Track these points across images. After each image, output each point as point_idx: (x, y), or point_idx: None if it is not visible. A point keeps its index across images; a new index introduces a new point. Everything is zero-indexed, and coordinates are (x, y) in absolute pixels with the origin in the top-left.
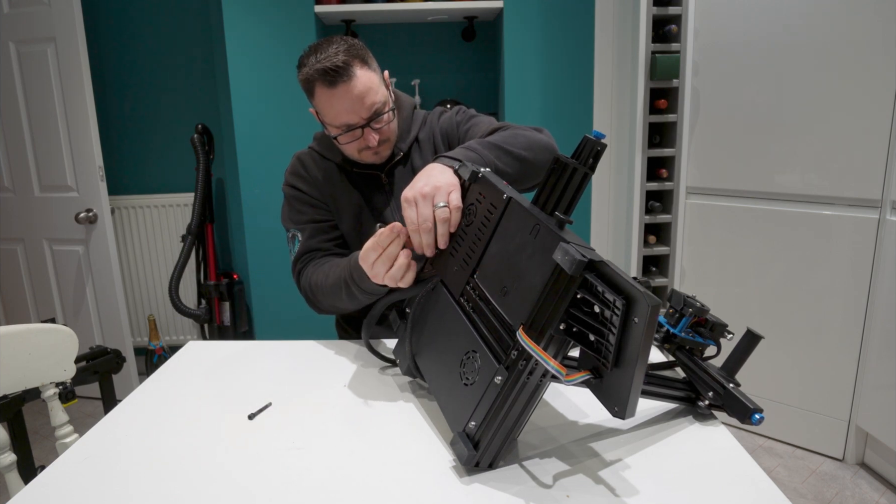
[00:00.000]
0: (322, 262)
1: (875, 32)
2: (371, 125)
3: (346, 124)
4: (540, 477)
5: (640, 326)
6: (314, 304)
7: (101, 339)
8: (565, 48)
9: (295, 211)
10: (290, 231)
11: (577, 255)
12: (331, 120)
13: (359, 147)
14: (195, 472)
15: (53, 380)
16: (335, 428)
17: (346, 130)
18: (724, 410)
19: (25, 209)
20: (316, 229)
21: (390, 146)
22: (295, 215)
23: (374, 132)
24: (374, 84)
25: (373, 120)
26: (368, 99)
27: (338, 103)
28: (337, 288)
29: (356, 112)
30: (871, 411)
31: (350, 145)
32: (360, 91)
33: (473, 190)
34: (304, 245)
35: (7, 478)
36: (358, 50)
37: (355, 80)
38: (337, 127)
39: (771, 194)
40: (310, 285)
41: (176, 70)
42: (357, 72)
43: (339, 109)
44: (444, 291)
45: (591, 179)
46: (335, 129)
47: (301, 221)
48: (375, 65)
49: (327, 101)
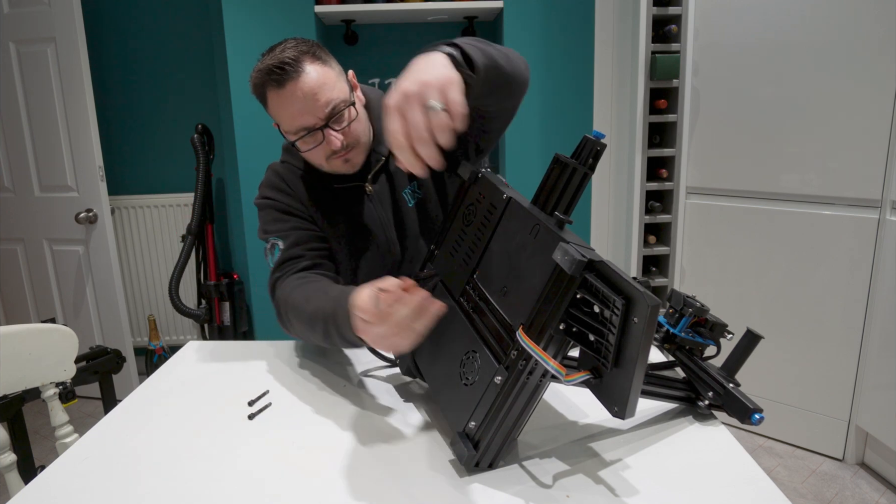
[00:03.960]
0: (305, 279)
1: (875, 33)
2: (330, 126)
3: (302, 127)
4: (540, 477)
5: (640, 326)
6: (284, 322)
7: (101, 339)
8: (565, 48)
9: (274, 221)
10: (268, 241)
11: (577, 255)
12: (286, 125)
13: (324, 154)
14: (195, 472)
15: (53, 380)
16: (335, 428)
17: (305, 134)
18: (724, 410)
19: (25, 209)
20: (300, 237)
21: (362, 150)
22: (274, 224)
23: (336, 133)
24: (328, 80)
25: (332, 119)
26: (323, 95)
27: (289, 104)
28: (315, 321)
29: (311, 111)
30: (871, 411)
31: (313, 153)
32: (310, 87)
33: (473, 190)
34: (285, 253)
35: (7, 478)
36: (310, 47)
37: (304, 75)
38: (294, 133)
39: (771, 194)
40: (285, 301)
41: (176, 70)
42: (307, 67)
43: (292, 111)
44: (444, 291)
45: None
46: (293, 135)
47: (283, 230)
48: (334, 62)
49: (279, 105)
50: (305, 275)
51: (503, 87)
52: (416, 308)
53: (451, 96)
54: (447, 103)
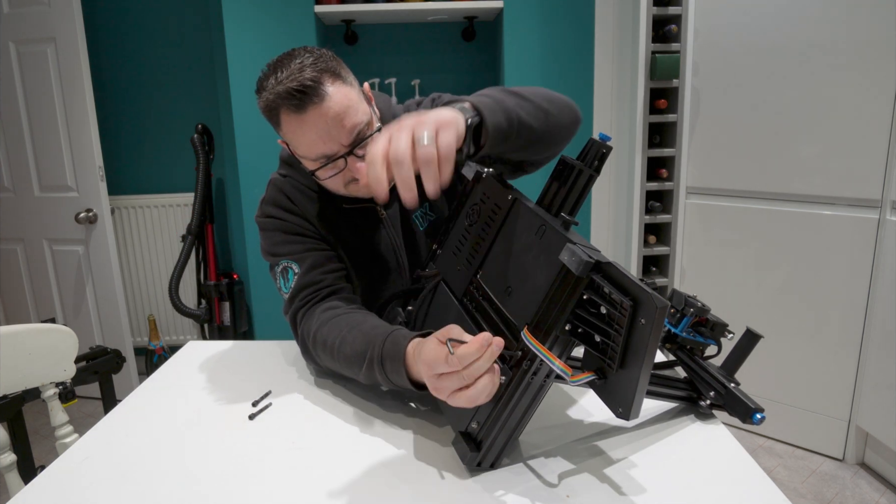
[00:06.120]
0: (333, 311)
1: (875, 33)
2: (355, 152)
3: (324, 155)
4: (541, 477)
5: (647, 328)
6: (311, 357)
7: (101, 339)
8: (565, 48)
9: (284, 242)
10: (280, 263)
11: (584, 256)
12: (305, 152)
13: (344, 180)
14: (195, 472)
15: (53, 380)
16: (336, 428)
17: (326, 163)
18: (725, 410)
19: (25, 209)
20: (317, 259)
21: None
22: (285, 247)
23: (362, 161)
24: (352, 101)
25: (356, 146)
26: (348, 120)
27: (310, 131)
28: (356, 361)
29: (335, 139)
30: (871, 411)
31: (332, 180)
32: (336, 112)
33: (477, 190)
34: (304, 279)
35: (7, 478)
36: (327, 61)
37: (328, 99)
38: (314, 160)
39: (771, 194)
40: (314, 338)
41: (176, 70)
42: (329, 89)
43: (313, 138)
44: (447, 291)
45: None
46: (312, 162)
47: (296, 252)
48: (352, 77)
49: (298, 130)
50: (331, 303)
51: (536, 142)
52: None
53: (442, 136)
54: (437, 141)
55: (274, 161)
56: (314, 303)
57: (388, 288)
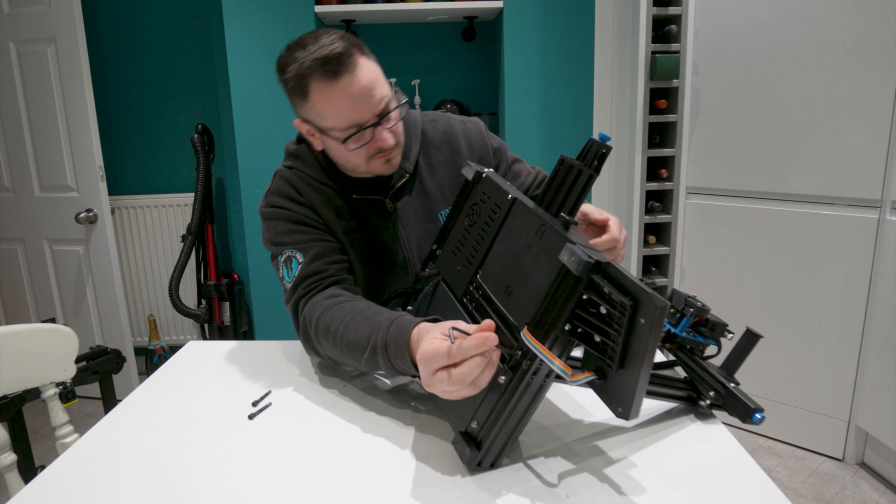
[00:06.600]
0: (336, 299)
1: (875, 33)
2: (381, 124)
3: (354, 124)
4: (541, 477)
5: (647, 328)
6: (312, 345)
7: (101, 339)
8: (565, 48)
9: (288, 232)
10: (283, 253)
11: (584, 257)
12: (334, 122)
13: (368, 153)
14: (195, 472)
15: (53, 380)
16: (335, 428)
17: (356, 132)
18: (725, 410)
19: (25, 209)
20: (321, 249)
21: (401, 152)
22: (289, 236)
23: (388, 131)
24: (378, 75)
25: (383, 117)
26: (377, 92)
27: (342, 99)
28: (358, 347)
29: (366, 107)
30: (871, 411)
31: (358, 152)
32: (367, 82)
33: (477, 190)
34: (307, 268)
35: (7, 478)
36: (355, 40)
37: (360, 69)
38: (343, 129)
39: (771, 194)
40: (315, 324)
41: (176, 70)
42: (360, 60)
43: (345, 106)
44: (447, 291)
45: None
46: (341, 132)
47: (301, 241)
48: (375, 58)
49: (329, 98)
50: (334, 291)
51: None
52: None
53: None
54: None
55: (273, 161)
56: (317, 291)
57: (392, 282)
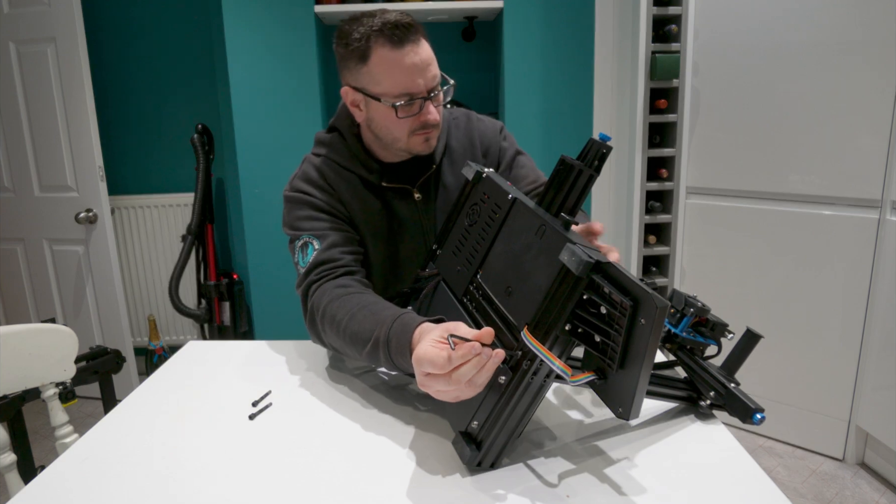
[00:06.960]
0: (346, 289)
1: (875, 33)
2: (431, 99)
3: (407, 92)
4: (541, 477)
5: (647, 328)
6: (317, 331)
7: (101, 339)
8: (565, 48)
9: (309, 218)
10: (301, 238)
11: (584, 257)
12: (388, 87)
13: (412, 126)
14: (195, 472)
15: (53, 380)
16: (336, 428)
17: (409, 101)
18: (725, 410)
19: (25, 209)
20: (338, 238)
21: (437, 135)
22: (309, 222)
23: (435, 108)
24: (433, 56)
25: (432, 93)
26: (433, 69)
27: (402, 66)
28: (361, 339)
29: (422, 79)
30: (871, 411)
31: (403, 123)
32: (426, 56)
33: (477, 190)
34: (322, 255)
35: (7, 478)
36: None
37: (422, 44)
38: (395, 97)
39: (771, 194)
40: (323, 312)
41: (176, 70)
42: (422, 38)
43: (404, 73)
44: (447, 291)
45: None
46: (393, 98)
47: (320, 228)
48: None
49: (390, 63)
50: (345, 282)
51: None
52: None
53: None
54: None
55: (273, 161)
56: (328, 279)
57: (410, 267)
